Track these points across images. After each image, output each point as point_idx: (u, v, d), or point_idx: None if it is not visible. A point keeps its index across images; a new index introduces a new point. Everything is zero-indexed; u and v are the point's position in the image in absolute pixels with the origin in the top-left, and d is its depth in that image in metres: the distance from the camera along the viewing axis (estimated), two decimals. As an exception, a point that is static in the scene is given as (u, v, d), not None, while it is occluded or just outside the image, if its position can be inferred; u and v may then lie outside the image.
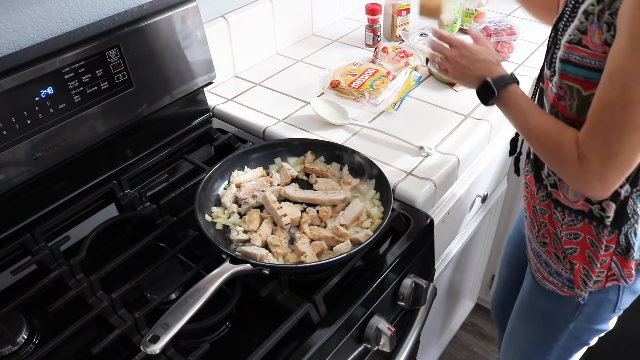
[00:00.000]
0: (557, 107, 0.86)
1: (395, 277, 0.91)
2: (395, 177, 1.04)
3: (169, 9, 1.07)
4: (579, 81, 0.79)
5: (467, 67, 0.94)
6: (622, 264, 0.92)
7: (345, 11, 1.73)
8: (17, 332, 0.77)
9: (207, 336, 0.79)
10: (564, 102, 0.84)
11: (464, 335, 1.96)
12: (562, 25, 0.83)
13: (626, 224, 0.87)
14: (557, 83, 0.83)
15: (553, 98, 0.86)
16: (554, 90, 0.85)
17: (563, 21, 0.83)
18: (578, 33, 0.78)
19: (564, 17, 0.83)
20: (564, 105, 0.84)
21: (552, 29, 0.88)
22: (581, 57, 0.78)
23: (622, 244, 0.89)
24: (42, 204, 0.98)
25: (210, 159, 1.16)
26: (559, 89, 0.84)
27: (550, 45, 0.88)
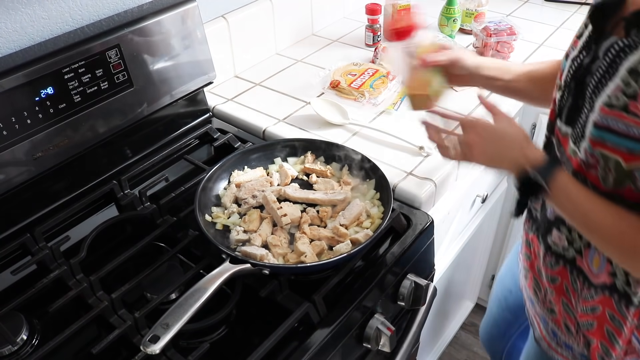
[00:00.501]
0: (584, 175, 0.73)
1: (395, 277, 0.91)
2: (395, 177, 1.04)
3: (169, 9, 1.07)
4: (620, 152, 0.66)
5: (492, 150, 0.79)
6: None
7: (345, 11, 1.73)
8: (17, 332, 0.77)
9: (207, 336, 0.79)
10: (594, 171, 0.71)
11: (464, 335, 1.96)
12: (594, 81, 0.68)
13: None
14: (587, 150, 0.70)
15: (578, 164, 0.73)
16: (581, 156, 0.72)
17: (595, 76, 0.68)
18: (623, 97, 0.64)
19: (593, 70, 0.69)
20: (595, 175, 0.71)
21: (571, 77, 0.74)
22: (626, 126, 0.64)
23: None
24: (42, 204, 0.98)
25: (210, 159, 1.16)
26: (588, 156, 0.70)
27: (567, 95, 0.75)
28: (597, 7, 0.71)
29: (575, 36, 0.77)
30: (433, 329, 1.59)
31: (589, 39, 0.72)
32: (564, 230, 0.80)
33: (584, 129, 0.70)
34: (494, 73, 0.95)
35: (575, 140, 0.73)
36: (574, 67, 0.74)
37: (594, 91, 0.68)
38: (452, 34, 1.55)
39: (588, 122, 0.69)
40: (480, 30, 1.45)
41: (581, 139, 0.71)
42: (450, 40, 1.50)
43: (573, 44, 0.76)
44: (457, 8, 1.52)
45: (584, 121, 0.70)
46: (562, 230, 0.80)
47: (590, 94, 0.69)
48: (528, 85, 0.95)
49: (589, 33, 0.72)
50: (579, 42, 0.75)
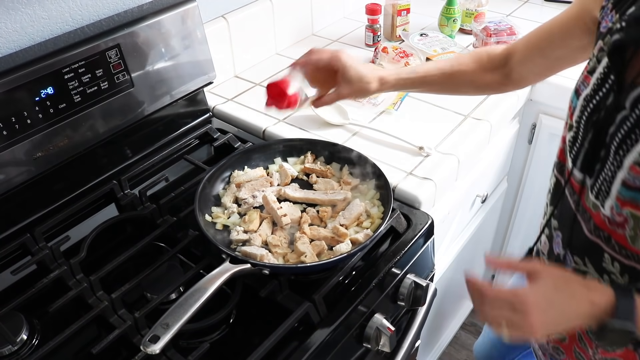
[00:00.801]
0: (607, 232, 0.67)
1: (395, 277, 0.91)
2: (395, 177, 1.04)
3: (169, 9, 1.07)
4: None
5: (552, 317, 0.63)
6: None
7: (345, 11, 1.73)
8: (17, 332, 0.77)
9: (207, 336, 0.79)
10: (621, 230, 0.65)
11: (464, 335, 1.96)
12: (621, 134, 0.62)
13: None
14: (615, 209, 0.64)
15: (601, 220, 0.67)
16: (605, 212, 0.66)
17: (622, 130, 0.62)
18: None
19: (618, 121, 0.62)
20: (622, 235, 0.65)
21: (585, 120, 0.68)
22: None
23: None
24: (42, 204, 0.98)
25: (210, 159, 1.16)
26: (614, 215, 0.65)
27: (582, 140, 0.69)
28: (617, 46, 0.63)
29: (585, 70, 0.70)
30: (433, 329, 1.59)
31: (604, 77, 0.65)
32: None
33: (609, 185, 0.64)
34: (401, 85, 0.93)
35: (597, 195, 0.67)
36: (589, 109, 0.67)
37: (621, 145, 0.62)
38: (452, 34, 1.55)
39: (615, 179, 0.63)
40: (480, 30, 1.45)
41: (606, 196, 0.65)
42: (450, 41, 1.50)
43: (584, 80, 0.70)
44: (457, 8, 1.52)
45: (609, 177, 0.64)
46: None
47: (615, 147, 0.63)
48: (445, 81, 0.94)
49: (604, 70, 0.65)
50: (591, 79, 0.68)
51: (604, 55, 0.66)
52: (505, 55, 0.92)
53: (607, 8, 0.69)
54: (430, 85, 0.95)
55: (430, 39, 1.50)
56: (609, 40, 0.65)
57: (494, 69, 0.93)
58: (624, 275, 0.67)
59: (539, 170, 1.50)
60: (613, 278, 0.69)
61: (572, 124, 0.71)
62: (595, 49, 0.69)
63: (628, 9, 0.64)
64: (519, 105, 1.34)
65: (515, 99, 1.29)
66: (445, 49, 1.45)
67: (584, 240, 0.71)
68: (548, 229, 0.82)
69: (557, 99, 1.34)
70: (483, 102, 1.26)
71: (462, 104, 1.25)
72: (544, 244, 0.84)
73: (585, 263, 0.73)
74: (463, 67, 0.93)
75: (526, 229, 1.65)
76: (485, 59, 0.94)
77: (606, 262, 0.69)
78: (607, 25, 0.68)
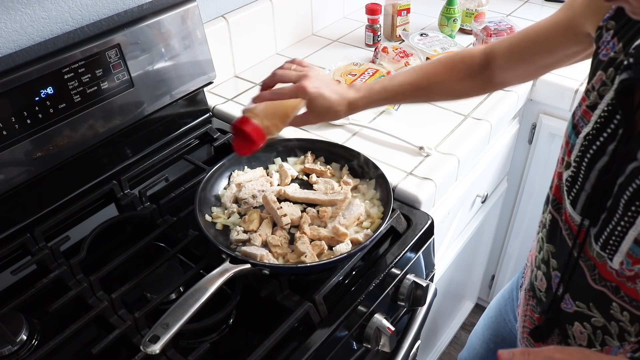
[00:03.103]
0: (616, 283, 0.64)
1: (395, 277, 0.91)
2: (395, 177, 1.04)
3: (169, 9, 1.07)
4: None
5: None
6: None
7: (345, 11, 1.73)
8: (17, 332, 0.77)
9: (207, 336, 0.79)
10: (632, 284, 0.61)
11: (464, 335, 1.95)
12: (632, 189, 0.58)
13: None
14: (625, 264, 0.61)
15: (607, 272, 0.64)
16: (614, 266, 0.62)
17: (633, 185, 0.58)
18: None
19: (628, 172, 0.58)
20: (633, 288, 0.62)
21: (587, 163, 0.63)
22: None
23: None
24: (42, 204, 0.98)
25: (210, 159, 1.16)
26: (624, 270, 0.61)
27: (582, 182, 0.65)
28: (626, 87, 0.57)
29: (584, 104, 0.65)
30: (433, 329, 1.59)
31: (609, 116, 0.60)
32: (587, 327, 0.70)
33: (619, 241, 0.60)
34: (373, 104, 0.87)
35: (604, 247, 0.63)
36: (592, 150, 0.63)
37: (633, 201, 0.58)
38: (452, 34, 1.55)
39: (627, 236, 0.59)
40: (480, 30, 1.45)
41: (615, 251, 0.61)
42: (450, 41, 1.50)
43: (584, 115, 0.65)
44: (457, 8, 1.52)
45: (619, 232, 0.60)
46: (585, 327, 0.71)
47: (626, 202, 0.58)
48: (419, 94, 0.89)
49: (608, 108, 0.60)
50: (592, 116, 0.63)
51: (607, 90, 0.61)
52: (485, 60, 0.86)
53: (606, 31, 0.63)
54: (404, 100, 0.93)
55: (430, 39, 1.50)
56: (612, 73, 0.61)
57: (473, 76, 0.87)
58: (634, 324, 0.64)
59: (539, 170, 1.50)
60: (622, 325, 0.66)
61: (570, 162, 0.67)
62: (595, 80, 0.63)
63: (635, 40, 0.58)
64: (519, 105, 1.34)
65: (516, 99, 1.29)
66: (446, 49, 1.45)
67: (587, 287, 0.68)
68: (545, 266, 0.77)
69: (557, 99, 1.34)
70: (483, 102, 1.26)
71: (462, 104, 1.25)
72: (540, 280, 0.79)
73: (590, 308, 0.69)
74: (438, 78, 0.88)
75: (526, 229, 1.65)
76: (461, 66, 0.87)
77: (614, 310, 0.65)
78: (608, 54, 0.62)
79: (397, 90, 0.87)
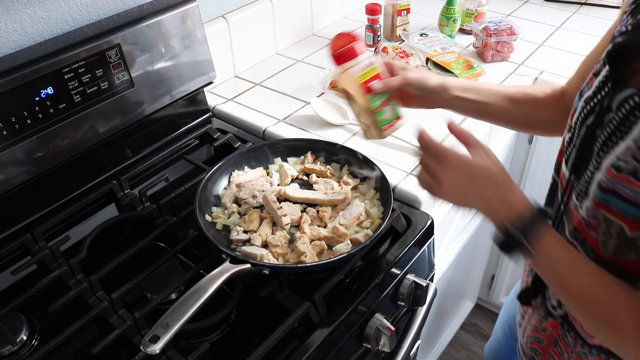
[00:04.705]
0: (583, 234, 0.67)
1: (395, 277, 0.91)
2: (395, 177, 1.04)
3: (169, 9, 1.07)
4: (625, 219, 0.60)
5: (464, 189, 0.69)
6: None
7: (345, 11, 1.73)
8: (17, 332, 0.77)
9: (207, 336, 0.79)
10: (594, 233, 0.64)
11: (464, 335, 1.96)
12: (604, 136, 0.61)
13: None
14: (590, 210, 0.64)
15: (579, 221, 0.67)
16: (582, 214, 0.65)
17: (606, 131, 0.61)
18: (633, 161, 0.57)
19: (605, 123, 0.61)
20: (595, 239, 0.65)
21: (581, 121, 0.66)
22: (634, 192, 0.58)
23: None
24: (42, 204, 0.98)
25: (210, 159, 1.16)
26: (590, 217, 0.64)
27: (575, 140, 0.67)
28: (618, 48, 0.61)
29: (592, 73, 0.67)
30: (433, 329, 1.59)
31: (605, 80, 0.63)
32: None
33: (588, 186, 0.63)
34: (463, 93, 0.85)
35: (577, 195, 0.66)
36: (586, 110, 0.65)
37: (602, 148, 0.61)
38: (452, 34, 1.55)
39: (593, 180, 0.62)
40: (480, 30, 1.45)
41: (584, 197, 0.64)
42: (450, 41, 1.50)
43: (589, 82, 0.67)
44: (457, 8, 1.52)
45: (589, 178, 0.63)
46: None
47: (598, 149, 0.62)
48: (506, 105, 0.86)
49: (606, 72, 0.63)
50: (594, 81, 0.65)
51: None
52: (562, 91, 0.86)
53: (626, 13, 0.66)
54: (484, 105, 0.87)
55: (430, 39, 1.50)
56: None
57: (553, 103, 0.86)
58: None
59: (539, 170, 1.50)
60: None
61: (572, 125, 0.69)
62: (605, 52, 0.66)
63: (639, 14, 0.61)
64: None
65: (515, 99, 1.29)
66: (445, 49, 1.45)
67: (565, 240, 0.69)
68: None
69: (557, 99, 1.34)
70: (483, 102, 1.26)
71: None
72: None
73: None
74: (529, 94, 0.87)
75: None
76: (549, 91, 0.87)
77: None
78: (621, 30, 0.65)
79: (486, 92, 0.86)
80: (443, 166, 0.69)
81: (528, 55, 1.47)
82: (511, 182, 0.68)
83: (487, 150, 0.70)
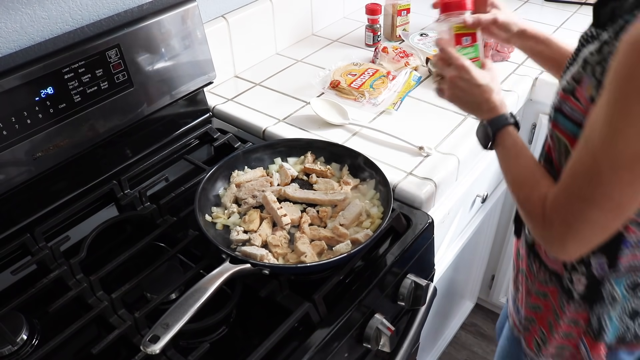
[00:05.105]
0: (550, 156, 0.77)
1: (395, 277, 0.91)
2: (395, 177, 1.04)
3: (169, 9, 1.07)
4: (567, 135, 0.71)
5: (463, 91, 0.84)
6: (591, 347, 0.82)
7: (345, 11, 1.73)
8: (17, 332, 0.77)
9: (207, 336, 0.79)
10: (555, 154, 0.75)
11: (464, 335, 1.96)
12: (567, 65, 0.72)
13: (599, 305, 0.78)
14: (549, 131, 0.75)
15: (548, 145, 0.78)
16: (548, 138, 0.77)
17: (569, 61, 0.72)
18: (573, 82, 0.68)
19: (573, 56, 0.72)
20: (557, 160, 0.75)
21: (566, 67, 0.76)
22: (572, 110, 0.68)
23: (593, 326, 0.80)
24: (42, 204, 0.98)
25: (210, 159, 1.16)
26: (550, 138, 0.76)
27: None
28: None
29: None
30: (433, 329, 1.59)
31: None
32: None
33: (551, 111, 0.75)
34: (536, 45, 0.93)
35: (549, 122, 0.76)
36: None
37: (563, 76, 0.73)
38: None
39: (553, 104, 0.73)
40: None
41: (550, 121, 0.75)
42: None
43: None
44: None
45: (552, 104, 0.75)
46: None
47: (561, 78, 0.74)
48: None
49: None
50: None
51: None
52: None
53: None
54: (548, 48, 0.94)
55: (431, 39, 1.50)
56: None
57: None
58: None
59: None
60: None
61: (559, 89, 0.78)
62: None
63: None
64: (519, 105, 1.34)
65: (516, 99, 1.29)
66: (445, 49, 1.44)
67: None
68: None
69: (557, 99, 1.34)
70: (483, 102, 1.26)
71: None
72: None
73: None
74: None
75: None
76: None
77: None
78: None
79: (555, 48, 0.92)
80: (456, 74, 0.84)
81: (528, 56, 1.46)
82: (499, 94, 0.83)
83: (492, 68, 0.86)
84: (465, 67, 0.83)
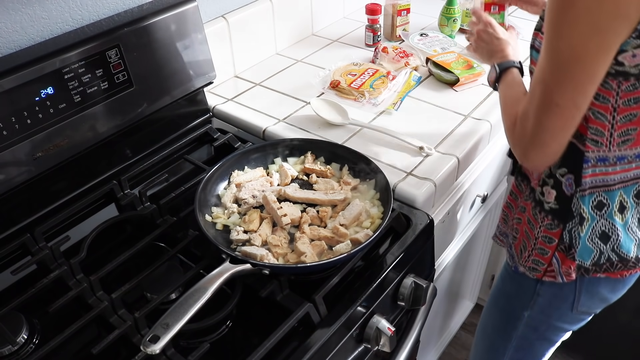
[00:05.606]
0: None
1: (395, 277, 0.91)
2: (395, 177, 1.04)
3: (169, 9, 1.07)
4: None
5: (486, 42, 1.03)
6: (562, 261, 0.91)
7: (345, 11, 1.73)
8: (17, 332, 0.77)
9: (207, 336, 0.79)
10: None
11: (464, 335, 1.96)
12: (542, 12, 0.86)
13: (570, 222, 0.87)
14: (529, 67, 0.90)
15: None
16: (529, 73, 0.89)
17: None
18: (540, 20, 0.82)
19: None
20: None
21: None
22: (540, 44, 0.79)
23: (565, 241, 0.89)
24: (42, 204, 0.98)
25: (210, 159, 1.16)
26: (530, 74, 0.86)
27: None
28: None
29: None
30: (433, 329, 1.59)
31: None
32: None
33: None
34: None
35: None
36: None
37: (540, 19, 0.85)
38: (452, 34, 1.55)
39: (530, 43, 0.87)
40: (480, 30, 1.45)
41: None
42: (450, 41, 1.50)
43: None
44: (457, 8, 1.52)
45: None
46: None
47: None
48: None
49: None
50: None
51: None
52: None
53: None
54: None
55: (430, 39, 1.50)
56: None
57: None
58: None
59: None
60: None
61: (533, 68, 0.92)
62: None
63: None
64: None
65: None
66: (445, 49, 1.45)
67: None
68: None
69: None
70: (483, 102, 1.26)
71: (462, 104, 1.25)
72: None
73: None
74: None
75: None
76: None
77: None
78: None
79: None
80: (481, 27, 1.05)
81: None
82: (515, 49, 1.02)
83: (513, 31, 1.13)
84: (491, 23, 1.04)
